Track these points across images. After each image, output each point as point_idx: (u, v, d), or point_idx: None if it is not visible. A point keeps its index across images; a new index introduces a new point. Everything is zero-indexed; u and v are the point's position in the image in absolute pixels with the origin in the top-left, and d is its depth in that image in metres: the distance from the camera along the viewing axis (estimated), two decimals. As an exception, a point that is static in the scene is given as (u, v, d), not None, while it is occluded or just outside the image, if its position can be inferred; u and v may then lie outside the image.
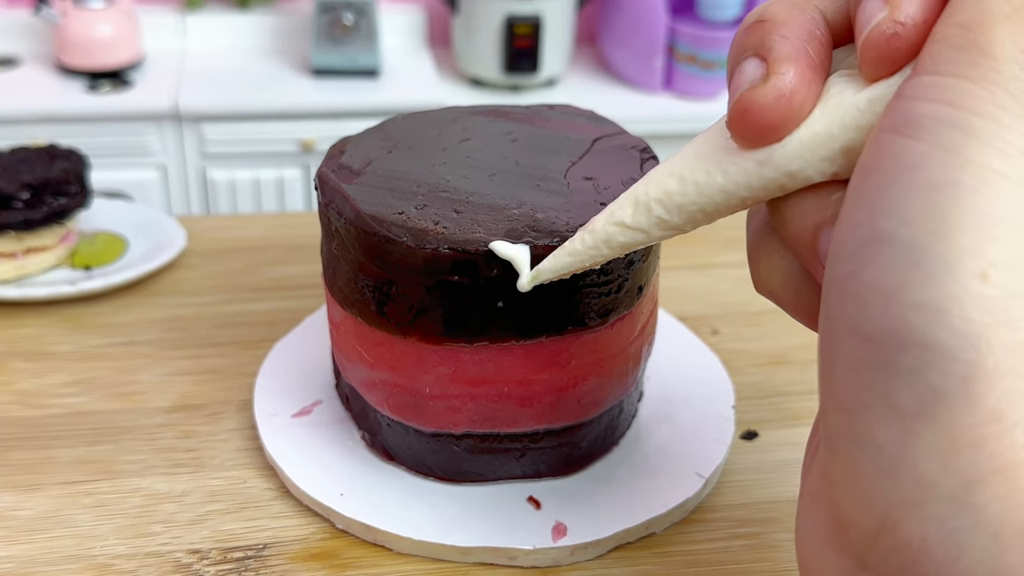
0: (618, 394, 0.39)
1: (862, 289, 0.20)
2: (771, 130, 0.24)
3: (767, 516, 0.39)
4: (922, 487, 0.20)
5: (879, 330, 0.20)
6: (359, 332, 0.37)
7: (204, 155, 1.49)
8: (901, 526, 0.20)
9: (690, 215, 0.26)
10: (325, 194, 0.37)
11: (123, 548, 0.37)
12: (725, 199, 0.25)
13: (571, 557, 0.37)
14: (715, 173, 0.25)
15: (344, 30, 1.54)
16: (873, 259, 0.20)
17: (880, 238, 0.20)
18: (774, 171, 0.24)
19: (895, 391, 0.20)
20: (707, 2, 1.57)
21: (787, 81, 0.23)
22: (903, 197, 0.20)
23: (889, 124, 0.21)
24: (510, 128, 0.42)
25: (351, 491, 0.38)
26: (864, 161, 0.21)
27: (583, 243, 0.29)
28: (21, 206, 0.53)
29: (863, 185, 0.21)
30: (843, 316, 0.21)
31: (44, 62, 1.58)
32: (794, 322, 0.52)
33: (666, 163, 0.27)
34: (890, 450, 0.20)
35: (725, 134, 0.25)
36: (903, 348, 0.20)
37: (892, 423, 0.20)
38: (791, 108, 0.23)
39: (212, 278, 0.55)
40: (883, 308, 0.20)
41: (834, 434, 0.21)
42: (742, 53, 0.24)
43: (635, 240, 0.28)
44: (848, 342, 0.21)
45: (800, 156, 0.24)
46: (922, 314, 0.19)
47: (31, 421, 0.44)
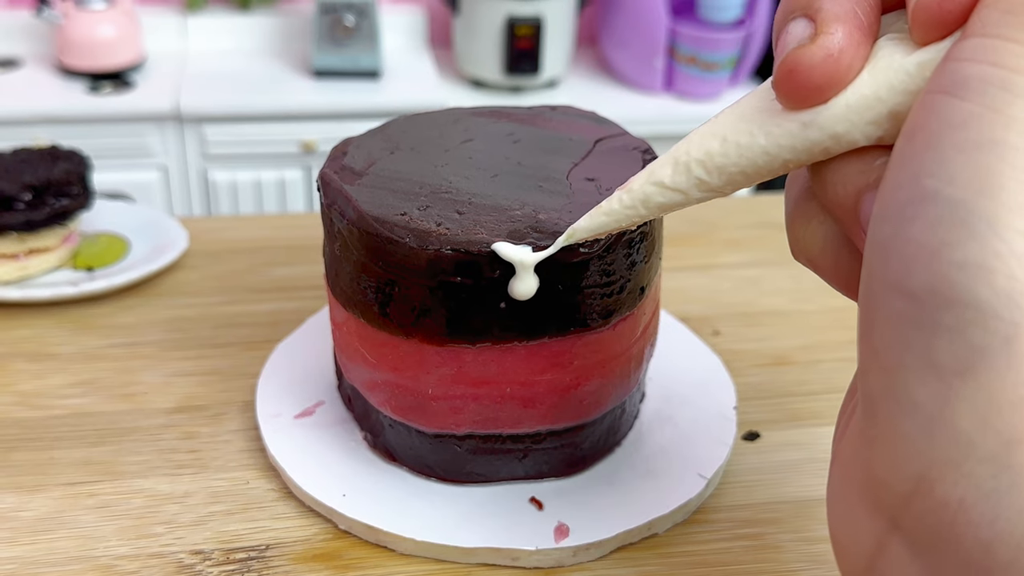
0: (620, 395, 0.39)
1: (905, 247, 0.20)
2: (818, 91, 0.23)
3: (769, 517, 0.39)
4: (961, 446, 0.19)
5: (922, 288, 0.20)
6: (361, 333, 0.37)
7: (205, 156, 1.49)
8: (937, 486, 0.20)
9: (730, 177, 0.26)
10: (327, 195, 0.37)
11: (126, 549, 0.37)
12: (767, 161, 0.25)
13: (573, 558, 0.37)
14: (758, 135, 0.25)
15: (345, 31, 1.54)
16: (917, 217, 0.20)
17: (925, 196, 0.20)
18: (819, 133, 0.24)
19: (936, 349, 0.20)
20: (708, 3, 1.57)
21: (835, 41, 0.23)
22: (948, 156, 0.20)
23: (936, 85, 0.21)
24: (512, 129, 0.42)
25: (353, 492, 0.38)
26: (910, 122, 0.21)
27: (620, 203, 0.29)
28: (23, 207, 0.53)
29: (909, 145, 0.21)
30: (885, 274, 0.21)
31: (46, 63, 1.58)
32: (796, 323, 0.53)
33: (708, 124, 0.26)
34: (929, 408, 0.20)
35: (770, 96, 0.25)
36: (945, 306, 0.19)
37: (932, 381, 0.20)
38: (839, 68, 0.23)
39: (214, 279, 0.55)
40: (926, 266, 0.20)
41: (873, 393, 0.21)
42: (790, 13, 0.24)
43: (673, 201, 0.27)
44: (889, 300, 0.20)
45: (846, 119, 0.23)
46: (965, 272, 0.19)
47: (33, 422, 0.44)
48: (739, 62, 1.62)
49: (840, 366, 0.49)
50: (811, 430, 0.44)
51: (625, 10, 1.62)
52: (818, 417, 0.45)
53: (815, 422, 0.45)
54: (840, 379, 0.48)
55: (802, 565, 0.37)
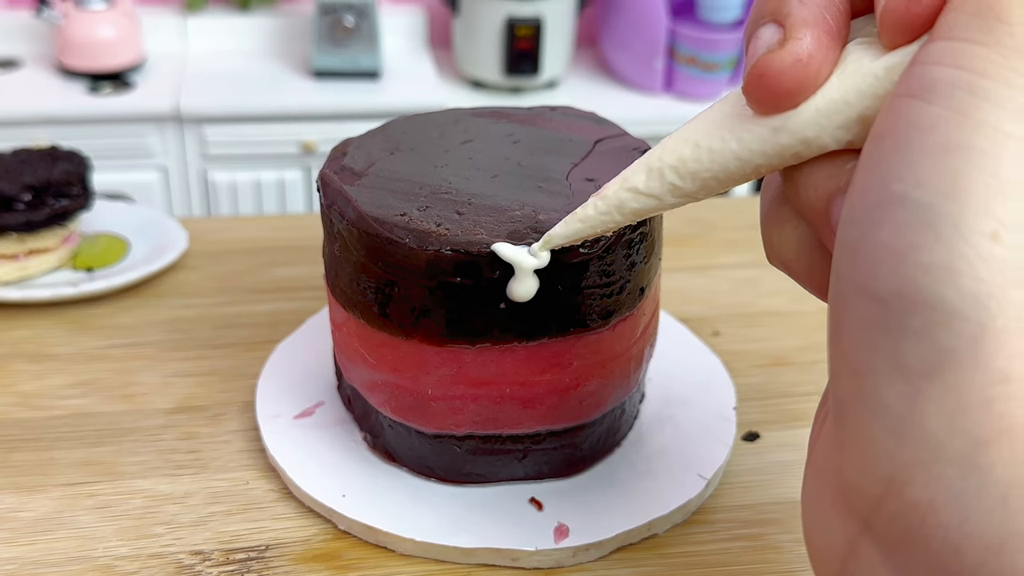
0: (620, 395, 0.39)
1: (873, 250, 0.20)
2: (787, 95, 0.23)
3: (769, 517, 0.39)
4: (929, 447, 0.19)
5: (889, 291, 0.20)
6: (361, 333, 0.37)
7: (205, 157, 1.49)
8: (907, 488, 0.20)
9: (703, 182, 0.26)
10: (327, 196, 0.37)
11: (126, 549, 0.37)
12: (739, 166, 0.25)
13: (573, 558, 0.37)
14: (729, 140, 0.25)
15: (345, 32, 1.54)
16: (884, 220, 0.20)
17: (892, 199, 0.20)
18: (789, 138, 0.24)
19: (903, 352, 0.20)
20: (707, 4, 1.58)
21: (804, 46, 0.23)
22: (916, 159, 0.20)
23: (903, 89, 0.21)
24: (512, 130, 0.42)
25: (353, 492, 0.38)
26: (878, 126, 0.21)
27: (595, 209, 0.29)
28: (23, 208, 0.53)
29: (877, 149, 0.21)
30: (853, 278, 0.21)
31: (45, 64, 1.58)
32: (795, 324, 0.53)
33: (680, 130, 0.26)
34: (898, 410, 0.20)
35: (740, 101, 0.25)
36: (912, 309, 0.19)
37: (900, 384, 0.20)
38: (808, 73, 0.23)
39: (214, 279, 0.55)
40: (893, 269, 0.20)
41: (842, 397, 0.21)
42: (760, 19, 0.24)
43: (647, 206, 0.27)
44: (857, 304, 0.21)
45: (816, 123, 0.24)
46: (932, 274, 0.19)
47: (33, 423, 0.44)
48: (739, 63, 1.62)
49: (840, 367, 0.49)
50: (810, 431, 0.44)
51: (625, 11, 1.62)
52: (818, 418, 0.45)
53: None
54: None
55: (802, 565, 0.37)
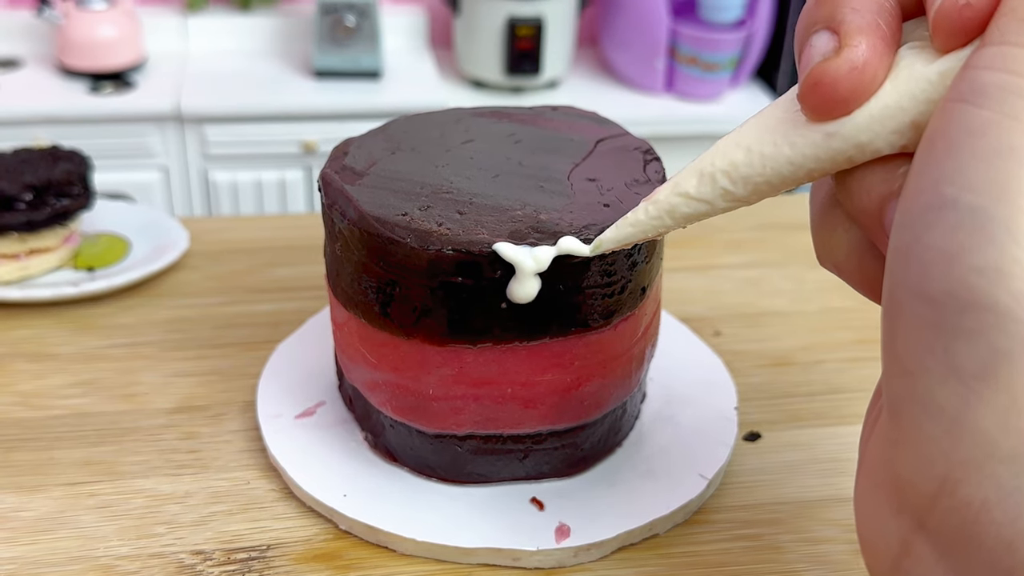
0: (621, 395, 0.39)
1: (925, 253, 0.21)
2: (843, 102, 0.24)
3: (770, 517, 0.39)
4: (983, 447, 0.20)
5: (941, 293, 0.20)
6: (362, 333, 0.37)
7: (206, 156, 1.49)
8: (961, 486, 0.20)
9: (756, 187, 0.26)
10: (328, 195, 0.37)
11: (127, 549, 0.37)
12: (792, 171, 0.25)
13: (574, 558, 0.37)
14: (782, 145, 0.25)
15: (346, 31, 1.54)
16: (936, 223, 0.20)
17: (944, 203, 0.20)
18: (842, 143, 0.24)
19: (956, 352, 0.20)
20: (708, 4, 1.57)
21: (860, 53, 0.23)
22: (967, 163, 0.20)
23: (955, 94, 0.21)
24: (513, 129, 0.42)
25: (354, 492, 0.38)
26: (930, 130, 0.22)
27: (646, 213, 0.29)
28: (24, 207, 0.53)
29: (929, 153, 0.21)
30: (906, 280, 0.21)
31: (46, 63, 1.58)
32: (797, 324, 0.53)
33: (732, 134, 0.27)
34: (951, 410, 0.20)
35: (793, 106, 0.25)
36: (965, 310, 0.20)
37: (953, 384, 0.20)
38: (863, 80, 0.23)
39: (215, 279, 0.55)
40: (945, 271, 0.20)
41: (896, 398, 0.22)
42: (812, 26, 0.24)
43: (699, 211, 0.28)
44: (911, 306, 0.21)
45: (870, 128, 0.24)
46: (983, 277, 0.20)
47: (34, 422, 0.44)
48: (740, 63, 1.62)
49: (841, 367, 0.49)
50: (812, 431, 0.44)
51: (626, 11, 1.62)
52: (819, 418, 0.45)
53: (816, 423, 0.45)
54: (841, 380, 0.48)
55: (803, 566, 0.37)
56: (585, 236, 0.34)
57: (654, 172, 0.39)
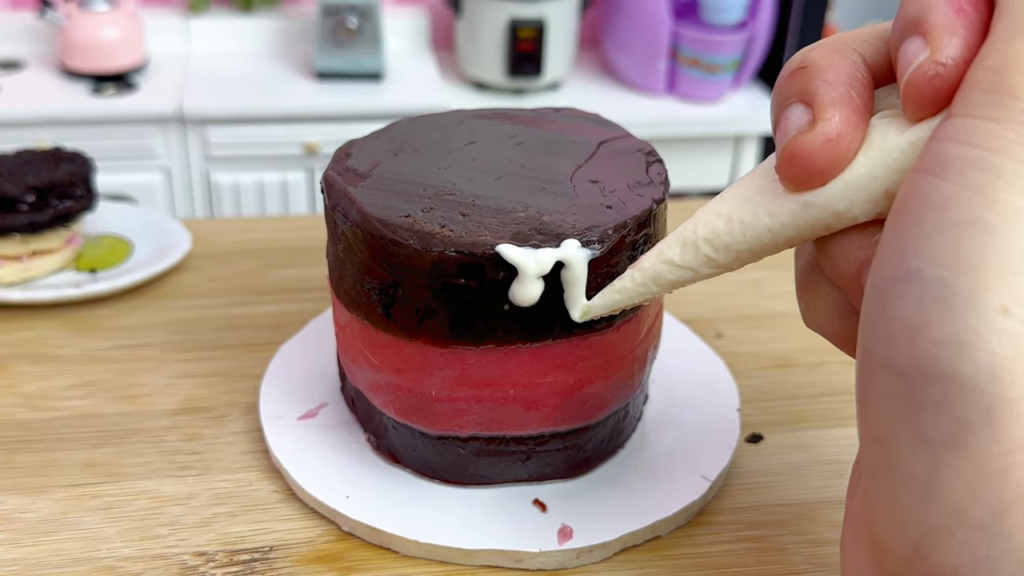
0: (624, 397, 0.39)
1: (891, 324, 0.21)
2: (819, 174, 0.24)
3: (773, 519, 0.39)
4: (953, 514, 0.20)
5: (907, 364, 0.21)
6: (365, 335, 0.37)
7: (208, 158, 1.49)
8: (933, 552, 0.20)
9: (737, 254, 0.27)
10: (331, 197, 0.37)
11: (129, 550, 0.37)
12: (772, 238, 0.26)
13: (577, 560, 0.37)
14: (761, 214, 0.26)
15: (348, 33, 1.54)
16: (901, 295, 0.21)
17: (908, 275, 0.21)
18: (819, 212, 0.25)
19: (924, 422, 0.20)
20: (710, 6, 1.58)
21: (833, 126, 0.24)
22: (930, 235, 0.21)
23: (921, 165, 0.22)
24: (515, 131, 0.42)
25: (357, 494, 0.38)
26: (898, 201, 0.22)
27: (632, 281, 0.30)
28: (26, 209, 0.53)
29: (895, 224, 0.22)
30: (875, 350, 0.22)
31: (48, 65, 1.58)
32: (799, 325, 0.53)
33: (713, 203, 0.27)
34: (922, 478, 0.21)
35: (771, 176, 0.26)
36: (930, 381, 0.20)
37: (923, 452, 0.21)
38: (838, 152, 0.24)
39: (217, 281, 0.55)
40: (910, 343, 0.21)
41: (871, 463, 0.22)
42: (787, 99, 0.25)
43: (683, 277, 0.29)
44: (880, 375, 0.22)
45: (845, 197, 0.24)
46: (947, 348, 0.20)
47: (36, 424, 0.44)
48: (741, 64, 1.62)
49: (843, 368, 0.49)
50: (814, 432, 0.44)
51: (627, 12, 1.62)
52: (821, 419, 0.45)
53: (818, 424, 0.45)
54: (843, 381, 0.48)
55: (806, 568, 0.37)
56: (587, 238, 0.34)
57: (656, 174, 0.39)
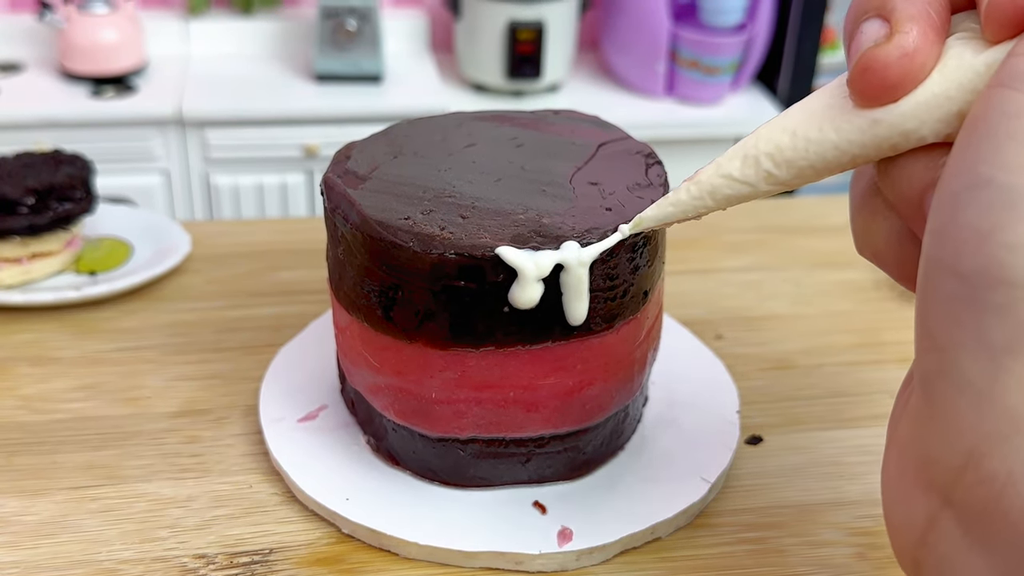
0: (623, 399, 0.39)
1: (959, 231, 0.21)
2: (892, 89, 0.24)
3: (773, 521, 0.39)
4: (1009, 420, 0.20)
5: (973, 269, 0.21)
6: (365, 337, 0.37)
7: (208, 160, 1.49)
8: (986, 460, 0.20)
9: (799, 171, 0.26)
10: (331, 199, 0.37)
11: (129, 553, 0.37)
12: (836, 156, 0.26)
13: (577, 562, 0.37)
14: (828, 130, 0.25)
15: (347, 35, 1.54)
16: (971, 202, 0.21)
17: (979, 182, 0.21)
18: (888, 130, 0.24)
19: (986, 327, 0.20)
20: (709, 8, 1.58)
21: (911, 40, 0.24)
22: (1003, 144, 0.21)
23: (996, 80, 0.22)
24: (515, 133, 0.42)
25: (357, 496, 0.38)
26: (971, 114, 0.22)
27: (688, 193, 0.29)
28: (26, 211, 0.53)
29: (967, 136, 0.22)
30: (940, 258, 0.22)
31: (48, 67, 1.58)
32: (798, 327, 0.53)
33: (777, 118, 0.27)
34: (980, 384, 0.21)
35: (840, 92, 0.25)
36: (995, 286, 0.20)
37: (983, 358, 0.21)
38: (913, 67, 0.24)
39: (217, 283, 0.55)
40: (977, 248, 0.21)
41: (927, 373, 0.22)
42: (863, 14, 0.25)
43: (740, 193, 0.28)
44: (944, 282, 0.21)
45: (916, 116, 0.24)
46: (1013, 253, 0.20)
47: (36, 426, 0.44)
48: (741, 66, 1.62)
49: (842, 370, 0.49)
50: (814, 434, 0.44)
51: (627, 14, 1.62)
52: (821, 421, 0.45)
53: (818, 426, 0.45)
54: (842, 383, 0.48)
55: (806, 569, 0.37)
56: (587, 240, 0.34)
57: (656, 176, 0.39)
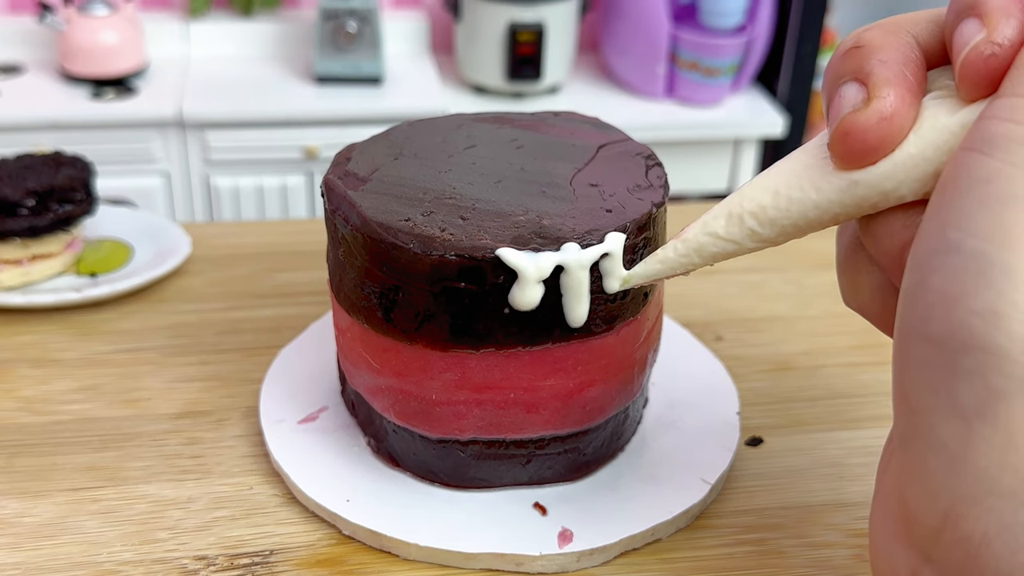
0: (624, 400, 0.39)
1: (929, 295, 0.22)
2: (872, 151, 0.25)
3: (773, 522, 0.39)
4: (983, 482, 0.21)
5: (943, 334, 0.21)
6: (365, 338, 0.37)
7: (208, 162, 1.49)
8: (963, 520, 0.21)
9: (782, 229, 0.27)
10: (332, 201, 0.37)
11: (130, 554, 0.37)
12: (818, 215, 0.26)
13: (577, 563, 0.37)
14: (809, 190, 0.26)
15: (347, 37, 1.54)
16: (941, 267, 0.21)
17: (949, 247, 0.21)
18: (867, 190, 0.25)
19: (957, 391, 0.21)
20: (709, 9, 1.58)
21: (888, 104, 0.24)
22: (972, 209, 0.21)
23: (967, 143, 0.22)
24: (515, 135, 0.42)
25: (357, 497, 0.38)
26: (943, 177, 0.23)
27: (675, 251, 0.30)
28: (27, 213, 0.53)
29: (939, 199, 0.22)
30: (912, 321, 0.22)
31: (48, 69, 1.58)
32: (799, 328, 0.53)
33: (760, 177, 0.28)
34: (953, 447, 0.21)
35: (820, 153, 0.26)
36: (964, 351, 0.21)
37: (955, 421, 0.21)
38: (891, 130, 0.24)
39: (217, 285, 0.55)
40: (947, 313, 0.21)
41: (904, 432, 0.23)
42: (840, 78, 0.25)
43: (726, 250, 0.29)
44: (916, 346, 0.22)
45: (894, 176, 0.25)
46: (982, 319, 0.20)
47: (37, 428, 0.44)
48: (741, 68, 1.62)
49: (842, 371, 0.49)
50: (814, 435, 0.44)
51: (627, 16, 1.63)
52: (821, 422, 0.45)
53: (818, 427, 0.45)
54: (842, 384, 0.48)
55: (806, 571, 0.37)
56: (587, 242, 0.34)
57: (656, 177, 0.39)
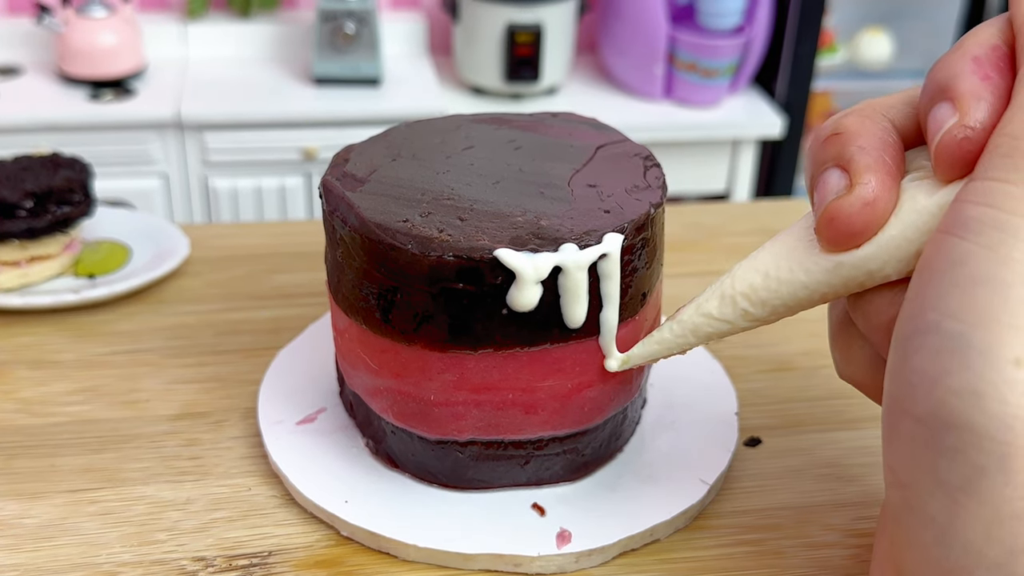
0: (622, 401, 0.39)
1: (911, 375, 0.22)
2: (856, 235, 0.26)
3: (771, 523, 0.39)
4: (970, 555, 0.21)
5: (926, 413, 0.22)
6: (363, 339, 0.38)
7: (206, 163, 1.49)
8: None
9: (773, 308, 0.28)
10: (329, 202, 0.37)
11: (128, 556, 0.37)
12: (807, 294, 0.27)
13: (576, 564, 0.37)
14: (797, 271, 0.27)
15: (345, 39, 1.54)
16: (921, 347, 0.22)
17: (928, 328, 0.22)
18: (853, 270, 0.26)
19: (942, 468, 0.22)
20: (707, 10, 1.58)
21: (870, 190, 0.25)
22: (948, 291, 0.22)
23: (943, 225, 0.23)
24: (513, 136, 0.42)
25: (355, 498, 0.38)
26: (922, 259, 0.24)
27: (671, 332, 0.31)
28: (25, 214, 0.53)
29: (918, 281, 0.23)
30: (897, 398, 0.23)
31: (46, 71, 1.58)
32: (797, 329, 0.53)
33: (750, 259, 0.29)
34: (941, 521, 0.22)
35: (806, 235, 0.27)
36: (947, 429, 0.21)
37: (941, 497, 0.22)
38: (875, 215, 0.25)
39: (215, 286, 0.55)
40: (928, 393, 0.22)
41: (894, 507, 0.24)
42: (823, 164, 0.27)
43: (720, 330, 0.30)
44: (902, 423, 0.23)
45: (878, 257, 0.26)
46: (961, 398, 0.21)
47: (35, 429, 0.44)
48: (738, 69, 1.62)
49: (841, 372, 0.49)
50: (813, 436, 0.44)
51: (625, 17, 1.63)
52: (820, 423, 0.45)
53: (817, 428, 0.45)
54: (841, 385, 0.47)
55: (804, 571, 0.37)
56: (586, 242, 0.34)
57: (654, 178, 0.39)
